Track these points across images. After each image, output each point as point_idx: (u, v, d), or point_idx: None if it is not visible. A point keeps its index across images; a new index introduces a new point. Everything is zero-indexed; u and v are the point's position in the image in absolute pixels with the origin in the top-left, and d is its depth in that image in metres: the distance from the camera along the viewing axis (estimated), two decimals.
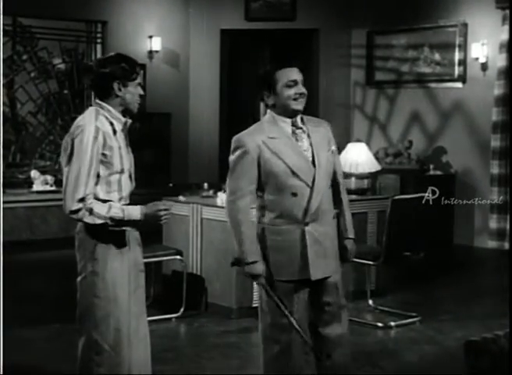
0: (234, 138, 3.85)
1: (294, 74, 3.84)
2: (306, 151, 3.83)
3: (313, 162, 3.82)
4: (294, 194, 3.79)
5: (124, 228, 3.54)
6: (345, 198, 4.05)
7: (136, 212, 3.51)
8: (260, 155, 3.78)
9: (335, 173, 3.97)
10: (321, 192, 3.82)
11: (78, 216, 3.44)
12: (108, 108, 3.55)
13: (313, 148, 3.84)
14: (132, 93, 3.57)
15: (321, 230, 3.85)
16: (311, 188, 3.79)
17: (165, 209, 3.54)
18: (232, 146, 3.83)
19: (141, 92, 3.62)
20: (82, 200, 3.42)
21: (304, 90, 3.85)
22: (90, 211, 3.43)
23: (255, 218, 3.89)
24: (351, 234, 4.05)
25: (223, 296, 6.38)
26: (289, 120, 3.86)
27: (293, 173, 3.78)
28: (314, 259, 3.84)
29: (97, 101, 3.59)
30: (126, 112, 3.61)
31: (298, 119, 3.88)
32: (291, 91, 3.81)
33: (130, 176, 3.63)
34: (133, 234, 3.64)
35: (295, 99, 3.82)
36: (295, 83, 3.83)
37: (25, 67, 9.95)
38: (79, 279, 3.58)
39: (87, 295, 3.54)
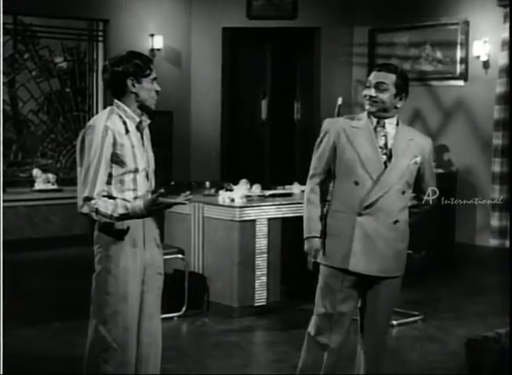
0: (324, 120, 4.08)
1: (372, 76, 3.94)
2: (381, 149, 3.90)
3: (385, 160, 3.88)
4: (356, 183, 3.87)
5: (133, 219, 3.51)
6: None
7: (139, 203, 3.49)
8: (337, 140, 3.92)
9: (420, 190, 4.03)
10: (384, 190, 3.84)
11: (85, 212, 3.50)
12: (123, 107, 3.58)
13: (390, 148, 3.89)
14: (146, 89, 3.59)
15: (374, 226, 3.87)
16: (375, 181, 3.84)
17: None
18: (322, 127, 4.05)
19: (157, 88, 3.63)
20: (87, 199, 3.46)
21: (375, 93, 3.90)
22: (96, 211, 3.46)
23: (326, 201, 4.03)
24: None
25: (225, 295, 6.37)
26: (375, 118, 3.94)
27: (361, 161, 3.86)
28: (359, 251, 3.87)
29: (115, 100, 3.62)
30: (143, 109, 3.63)
31: (391, 121, 3.94)
32: (364, 92, 3.95)
33: (147, 176, 3.63)
34: (150, 234, 3.64)
35: (367, 100, 3.93)
36: (370, 85, 3.92)
37: (26, 66, 9.95)
38: (94, 275, 3.60)
39: (99, 291, 3.56)
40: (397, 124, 3.97)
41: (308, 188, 4.03)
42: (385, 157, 3.88)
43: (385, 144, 3.91)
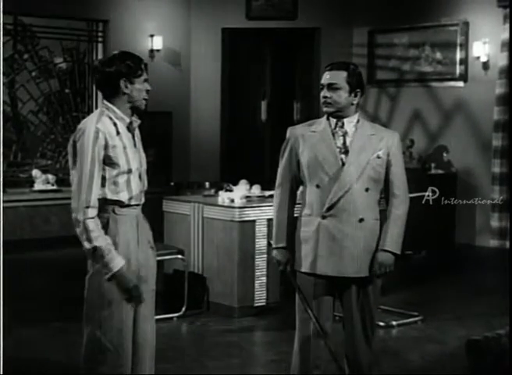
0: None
1: (324, 77, 3.91)
2: (339, 148, 3.86)
3: (342, 159, 3.84)
4: (318, 186, 3.86)
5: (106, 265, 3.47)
6: (396, 211, 3.96)
7: (119, 262, 3.46)
8: (297, 146, 3.91)
9: (389, 184, 3.95)
10: (345, 189, 3.81)
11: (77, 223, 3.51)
12: (113, 109, 3.55)
13: (348, 146, 3.86)
14: (138, 89, 3.56)
15: (339, 227, 3.84)
16: (334, 181, 3.82)
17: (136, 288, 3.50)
18: None
19: (148, 87, 3.61)
20: (87, 208, 3.45)
21: (329, 94, 3.86)
22: (86, 230, 3.46)
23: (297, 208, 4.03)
24: (388, 246, 3.89)
25: (225, 295, 6.37)
26: (334, 119, 3.90)
27: (320, 164, 3.84)
28: (325, 254, 3.84)
29: (105, 101, 3.59)
30: (133, 110, 3.60)
31: (351, 119, 3.89)
32: (321, 94, 3.90)
33: (140, 176, 3.62)
34: (143, 236, 3.62)
35: (323, 103, 3.90)
36: (322, 87, 3.90)
37: (26, 66, 9.95)
38: (87, 276, 3.57)
39: (93, 293, 3.53)
40: (358, 122, 3.91)
41: (276, 194, 4.03)
42: (343, 156, 3.85)
43: (344, 143, 3.87)
